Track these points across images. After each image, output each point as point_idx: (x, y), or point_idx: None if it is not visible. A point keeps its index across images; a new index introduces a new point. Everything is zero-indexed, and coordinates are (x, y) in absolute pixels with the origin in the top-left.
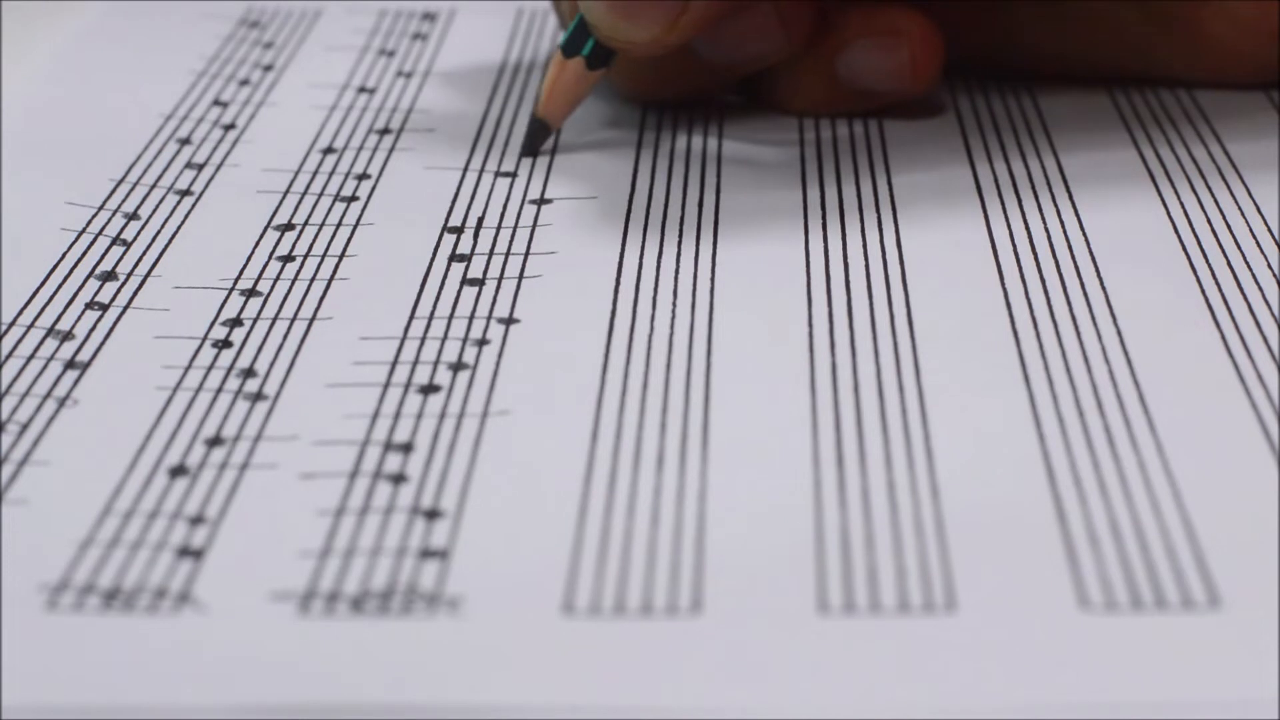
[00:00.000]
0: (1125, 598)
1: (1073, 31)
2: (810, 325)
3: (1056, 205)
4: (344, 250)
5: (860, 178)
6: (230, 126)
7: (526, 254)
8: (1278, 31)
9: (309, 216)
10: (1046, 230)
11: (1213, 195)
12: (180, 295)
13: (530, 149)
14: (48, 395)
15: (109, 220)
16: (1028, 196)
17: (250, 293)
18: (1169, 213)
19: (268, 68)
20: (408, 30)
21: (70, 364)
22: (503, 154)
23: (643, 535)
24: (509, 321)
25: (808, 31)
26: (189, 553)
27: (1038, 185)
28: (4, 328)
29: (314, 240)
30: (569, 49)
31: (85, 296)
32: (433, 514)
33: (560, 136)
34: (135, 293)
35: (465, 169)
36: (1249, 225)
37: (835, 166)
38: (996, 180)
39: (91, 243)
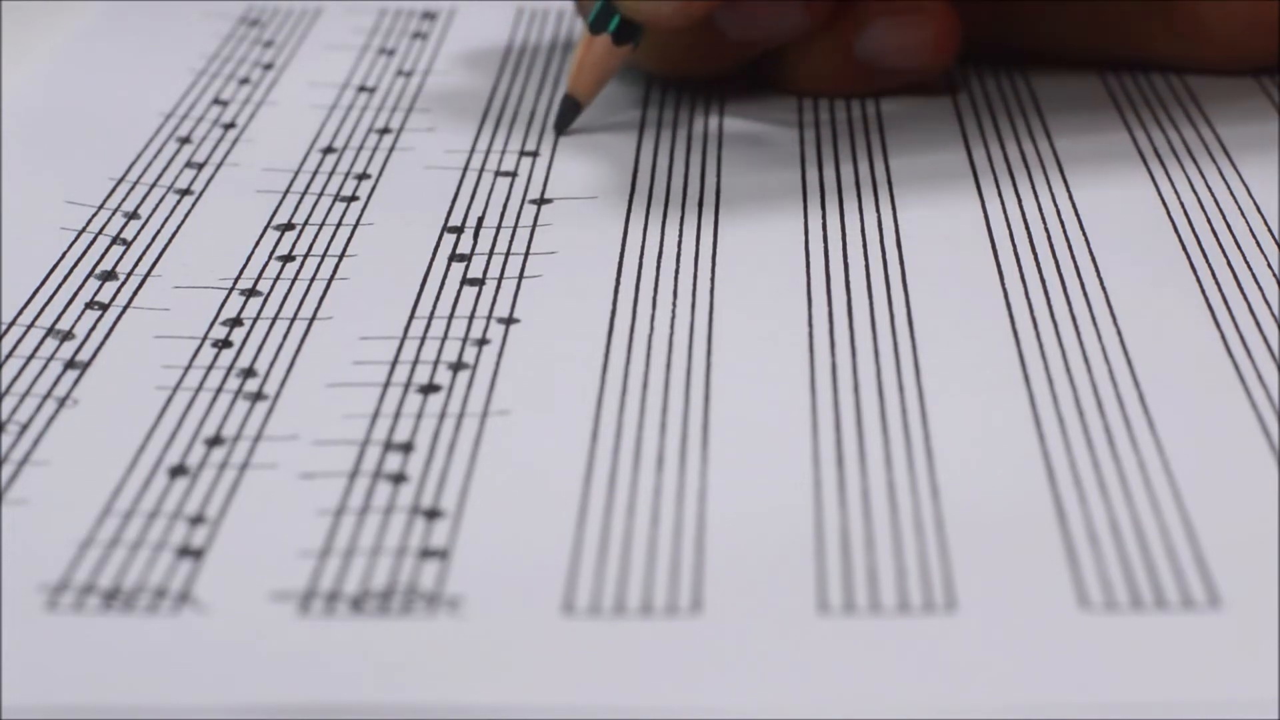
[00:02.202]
0: (1125, 598)
1: (1072, 18)
2: (810, 325)
3: (1055, 199)
4: (344, 250)
5: (860, 177)
6: (230, 125)
7: (526, 254)
8: (1276, 25)
9: (309, 216)
10: (1046, 227)
11: (1206, 183)
12: (180, 295)
13: (561, 126)
14: (48, 395)
15: (109, 220)
16: (1026, 191)
17: (250, 292)
18: (1167, 209)
19: (268, 67)
20: (408, 29)
21: (70, 364)
22: (502, 154)
23: (643, 535)
24: (509, 321)
25: (830, 8)
26: (189, 553)
27: (1034, 175)
28: (4, 328)
29: (314, 240)
30: (596, 26)
31: (85, 296)
32: (433, 514)
33: (559, 136)
34: (135, 292)
35: (465, 169)
36: (1246, 221)
37: (835, 166)
38: (994, 169)
39: (91, 242)
